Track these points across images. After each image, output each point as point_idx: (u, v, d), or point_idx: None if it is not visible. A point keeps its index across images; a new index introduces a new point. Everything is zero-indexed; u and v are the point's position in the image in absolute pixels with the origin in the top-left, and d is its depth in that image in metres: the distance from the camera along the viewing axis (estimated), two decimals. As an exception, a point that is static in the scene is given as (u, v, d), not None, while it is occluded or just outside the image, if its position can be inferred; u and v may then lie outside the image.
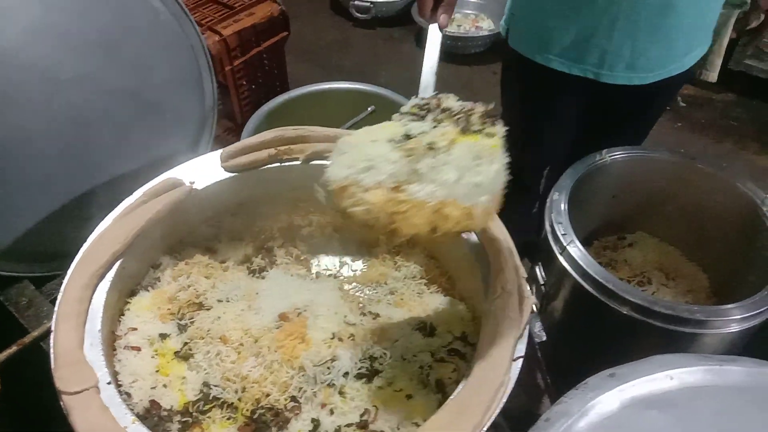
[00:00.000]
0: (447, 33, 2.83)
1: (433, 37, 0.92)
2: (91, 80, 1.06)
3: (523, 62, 1.26)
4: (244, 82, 1.85)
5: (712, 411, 0.72)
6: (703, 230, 1.17)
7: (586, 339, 1.02)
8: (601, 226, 1.26)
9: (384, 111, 1.79)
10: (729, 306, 0.93)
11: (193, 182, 0.96)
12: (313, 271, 1.06)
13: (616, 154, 1.14)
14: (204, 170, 0.98)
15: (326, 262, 1.08)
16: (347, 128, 1.49)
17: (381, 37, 3.09)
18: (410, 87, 2.94)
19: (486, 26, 2.84)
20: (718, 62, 2.53)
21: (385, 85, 1.84)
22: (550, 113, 1.38)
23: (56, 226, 1.09)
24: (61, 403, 0.68)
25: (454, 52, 2.84)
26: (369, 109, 1.67)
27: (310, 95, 1.90)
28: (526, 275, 0.84)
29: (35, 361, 1.00)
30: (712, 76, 2.59)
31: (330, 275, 1.06)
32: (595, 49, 1.16)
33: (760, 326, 0.96)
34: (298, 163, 1.02)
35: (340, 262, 1.09)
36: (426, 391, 0.81)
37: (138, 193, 0.92)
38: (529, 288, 0.82)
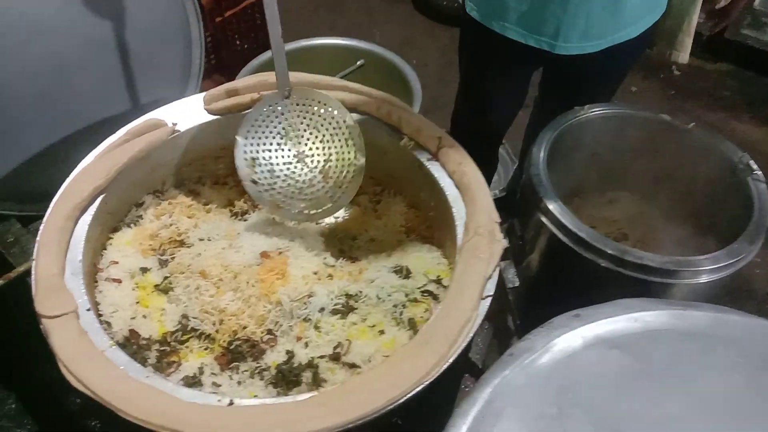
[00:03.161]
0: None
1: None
2: (71, 29, 1.06)
3: (479, 29, 1.25)
4: (236, 35, 1.84)
5: (669, 353, 0.74)
6: (680, 188, 1.18)
7: (560, 289, 1.05)
8: (582, 184, 1.27)
9: (373, 66, 1.79)
10: (699, 257, 0.95)
11: (176, 123, 0.97)
12: (295, 217, 1.07)
13: (594, 111, 1.14)
14: (187, 112, 0.99)
15: (308, 210, 1.10)
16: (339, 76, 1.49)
17: (377, -3, 3.05)
18: (404, 48, 2.91)
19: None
20: (688, 42, 2.48)
21: (379, 44, 1.83)
22: (503, 79, 1.40)
23: (41, 168, 1.11)
24: (41, 326, 0.71)
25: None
26: (358, 62, 1.67)
27: (302, 50, 1.89)
28: (499, 220, 0.85)
29: (21, 296, 1.02)
30: (683, 56, 2.54)
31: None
32: (551, 18, 1.14)
33: (730, 278, 0.98)
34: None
35: (322, 209, 1.10)
36: (398, 328, 0.84)
37: (121, 132, 0.93)
38: (500, 232, 0.84)
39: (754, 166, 1.06)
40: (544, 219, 0.99)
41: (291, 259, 0.90)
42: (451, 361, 0.71)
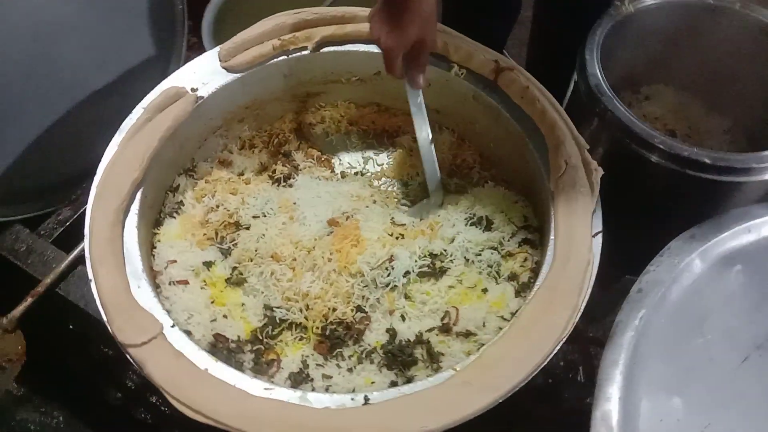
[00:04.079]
0: None
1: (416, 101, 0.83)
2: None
3: None
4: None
5: (791, 261, 0.72)
6: (724, 76, 1.12)
7: (629, 199, 0.99)
8: (618, 82, 1.20)
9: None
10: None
11: (197, 89, 0.84)
12: (337, 171, 0.98)
13: (637, 4, 1.05)
14: (204, 74, 0.86)
15: (349, 160, 1.00)
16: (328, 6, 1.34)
17: None
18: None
19: None
20: None
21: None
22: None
23: (37, 158, 0.96)
24: (129, 357, 0.62)
25: None
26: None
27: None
28: (588, 146, 0.78)
29: (53, 309, 0.92)
30: None
31: (356, 173, 0.98)
32: None
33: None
34: (307, 52, 0.90)
35: (363, 157, 1.01)
36: (499, 281, 0.78)
37: (138, 110, 0.80)
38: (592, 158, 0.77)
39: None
40: (607, 126, 0.92)
41: (361, 222, 0.81)
42: (582, 310, 0.66)
